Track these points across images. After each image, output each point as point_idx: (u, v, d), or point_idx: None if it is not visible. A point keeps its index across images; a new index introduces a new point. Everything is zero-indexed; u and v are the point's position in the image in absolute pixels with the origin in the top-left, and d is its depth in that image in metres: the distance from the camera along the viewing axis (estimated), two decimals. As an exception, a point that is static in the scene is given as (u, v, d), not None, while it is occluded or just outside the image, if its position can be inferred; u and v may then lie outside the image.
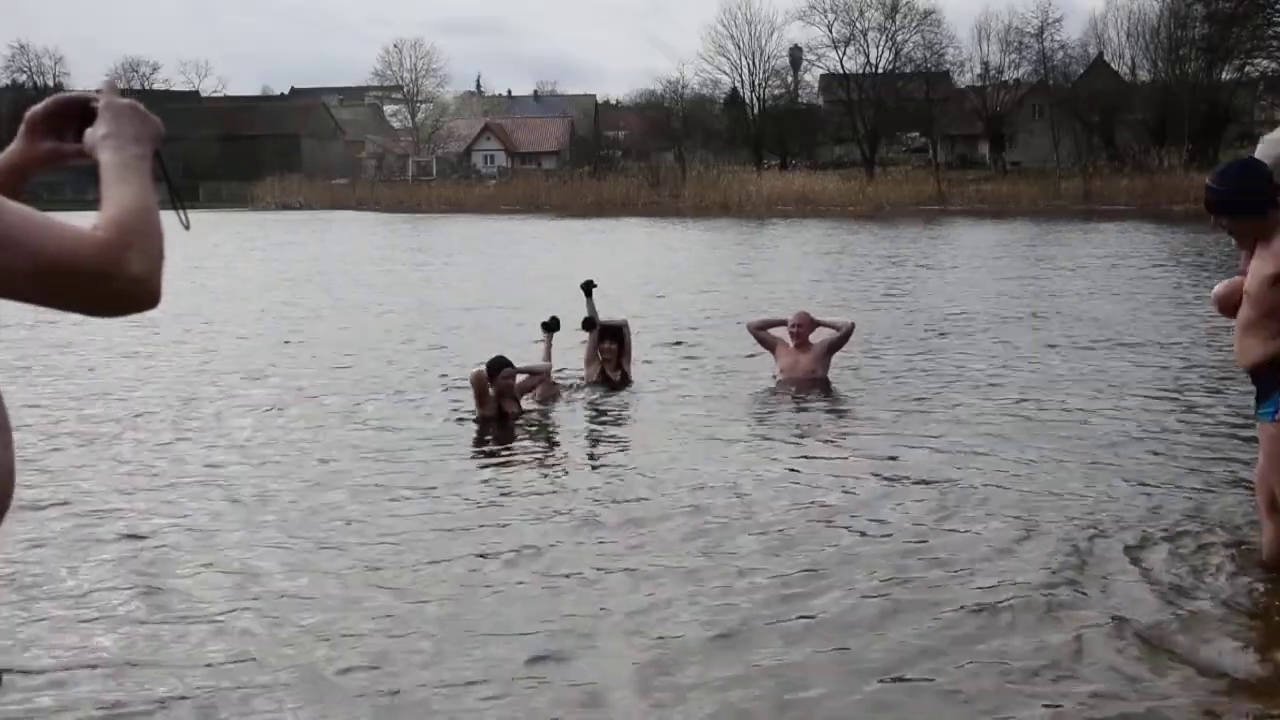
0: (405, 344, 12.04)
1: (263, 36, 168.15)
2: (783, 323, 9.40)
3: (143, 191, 1.51)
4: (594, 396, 8.85)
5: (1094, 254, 23.41)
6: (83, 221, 1.46)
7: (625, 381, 9.22)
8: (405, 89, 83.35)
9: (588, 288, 9.38)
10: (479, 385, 7.85)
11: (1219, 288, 4.67)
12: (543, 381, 8.52)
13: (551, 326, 9.17)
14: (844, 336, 9.25)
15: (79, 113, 1.64)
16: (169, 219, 1.54)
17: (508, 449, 7.29)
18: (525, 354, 9.15)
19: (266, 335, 13.06)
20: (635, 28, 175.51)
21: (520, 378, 8.16)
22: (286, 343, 12.43)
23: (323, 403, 8.80)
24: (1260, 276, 4.13)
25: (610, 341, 9.22)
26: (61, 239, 1.38)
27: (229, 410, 8.56)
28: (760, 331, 9.48)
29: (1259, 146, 4.57)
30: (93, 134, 1.58)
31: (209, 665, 3.97)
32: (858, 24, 62.06)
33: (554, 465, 6.87)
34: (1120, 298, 15.11)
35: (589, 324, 9.20)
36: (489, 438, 7.57)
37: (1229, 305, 4.47)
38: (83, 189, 77.41)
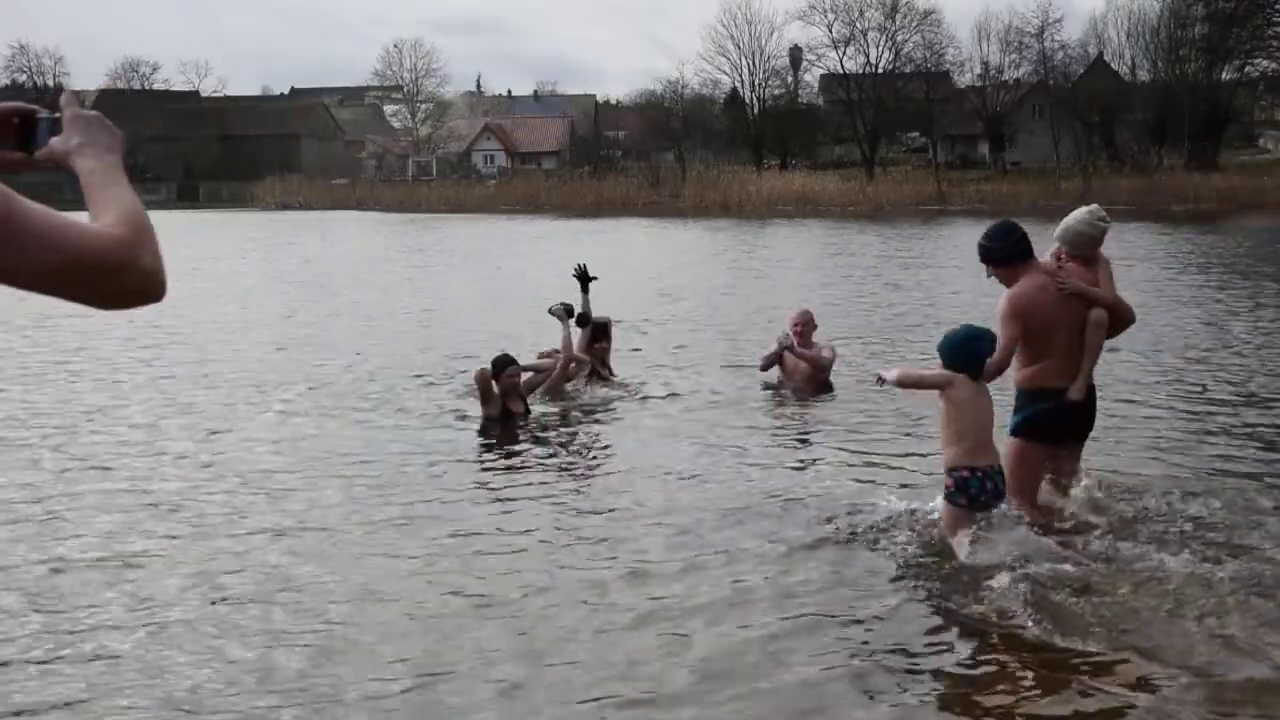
0: (407, 344, 12.02)
1: (263, 36, 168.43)
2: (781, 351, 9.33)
3: (134, 194, 1.58)
4: (593, 395, 8.85)
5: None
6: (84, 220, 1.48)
7: (611, 376, 9.29)
8: (405, 89, 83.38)
9: (584, 279, 9.32)
10: (484, 384, 7.83)
11: None
12: (553, 375, 8.55)
13: (584, 318, 9.09)
14: (825, 367, 9.15)
15: (19, 123, 1.66)
16: None
17: (512, 449, 7.26)
18: (528, 353, 9.15)
19: (265, 336, 13.04)
20: (635, 28, 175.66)
21: (525, 375, 8.16)
22: (281, 348, 12.40)
23: (324, 403, 8.77)
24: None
25: (603, 339, 9.24)
26: (82, 236, 1.45)
27: (228, 411, 8.54)
28: (770, 365, 9.37)
29: (1064, 224, 5.62)
30: (64, 142, 1.63)
31: (197, 664, 3.98)
32: (858, 24, 62.26)
33: (558, 468, 6.84)
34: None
35: (584, 320, 9.15)
36: (493, 438, 7.54)
37: None
38: (83, 189, 77.49)
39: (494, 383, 7.84)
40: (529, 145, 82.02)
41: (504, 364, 7.95)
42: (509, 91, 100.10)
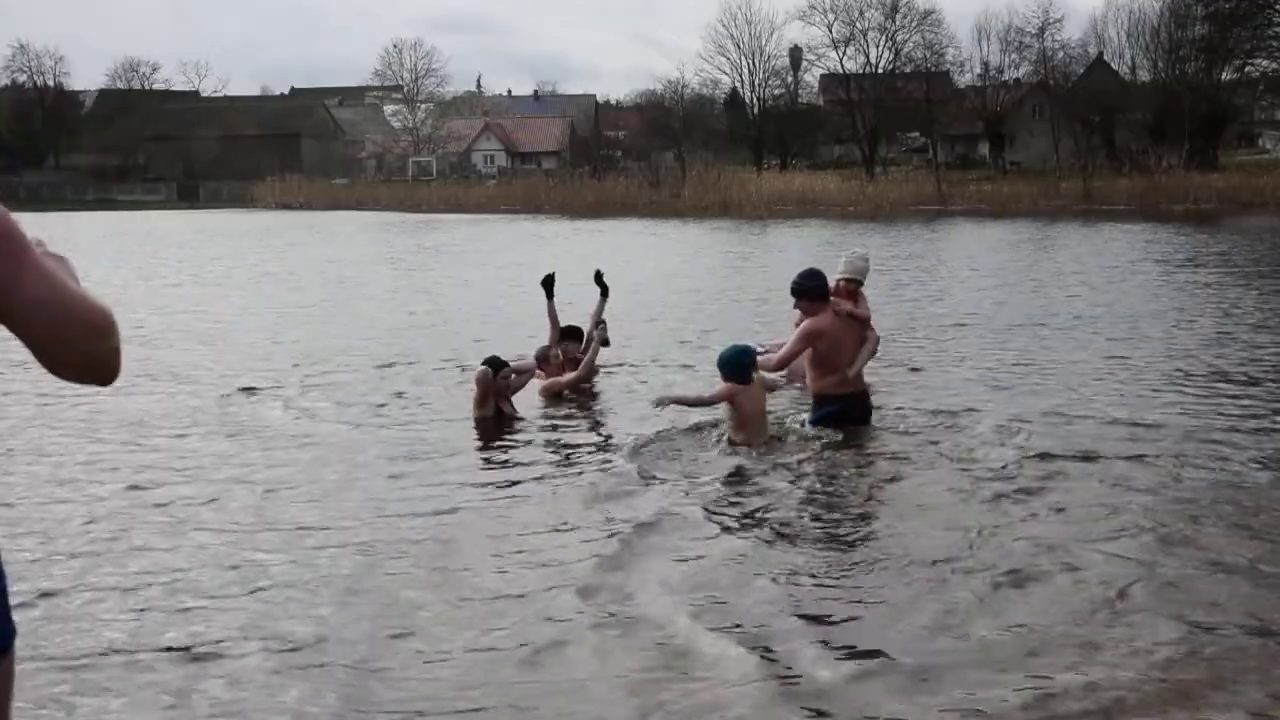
0: (401, 345, 12.03)
1: (261, 36, 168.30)
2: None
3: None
4: (591, 396, 8.90)
5: (1096, 256, 23.42)
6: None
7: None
8: (405, 89, 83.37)
9: (549, 287, 9.53)
10: (486, 385, 7.81)
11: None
12: (561, 380, 8.67)
13: (602, 337, 9.13)
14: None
15: None
16: None
17: (514, 450, 7.25)
18: (519, 354, 9.17)
19: (260, 337, 13.04)
20: (632, 28, 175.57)
21: (511, 377, 8.17)
22: (272, 348, 12.40)
23: (319, 407, 8.75)
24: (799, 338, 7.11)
25: (571, 339, 9.28)
26: (84, 293, 1.62)
27: (221, 412, 8.54)
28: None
29: (842, 261, 7.47)
30: None
31: (185, 656, 3.98)
32: (858, 24, 62.24)
33: (562, 467, 6.82)
34: (1125, 299, 15.13)
35: (606, 341, 9.22)
36: (493, 439, 7.51)
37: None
38: (82, 190, 77.52)
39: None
40: (529, 145, 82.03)
41: (500, 365, 7.95)
42: (509, 91, 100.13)
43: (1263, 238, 28.34)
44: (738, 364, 6.90)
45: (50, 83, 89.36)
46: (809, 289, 7.17)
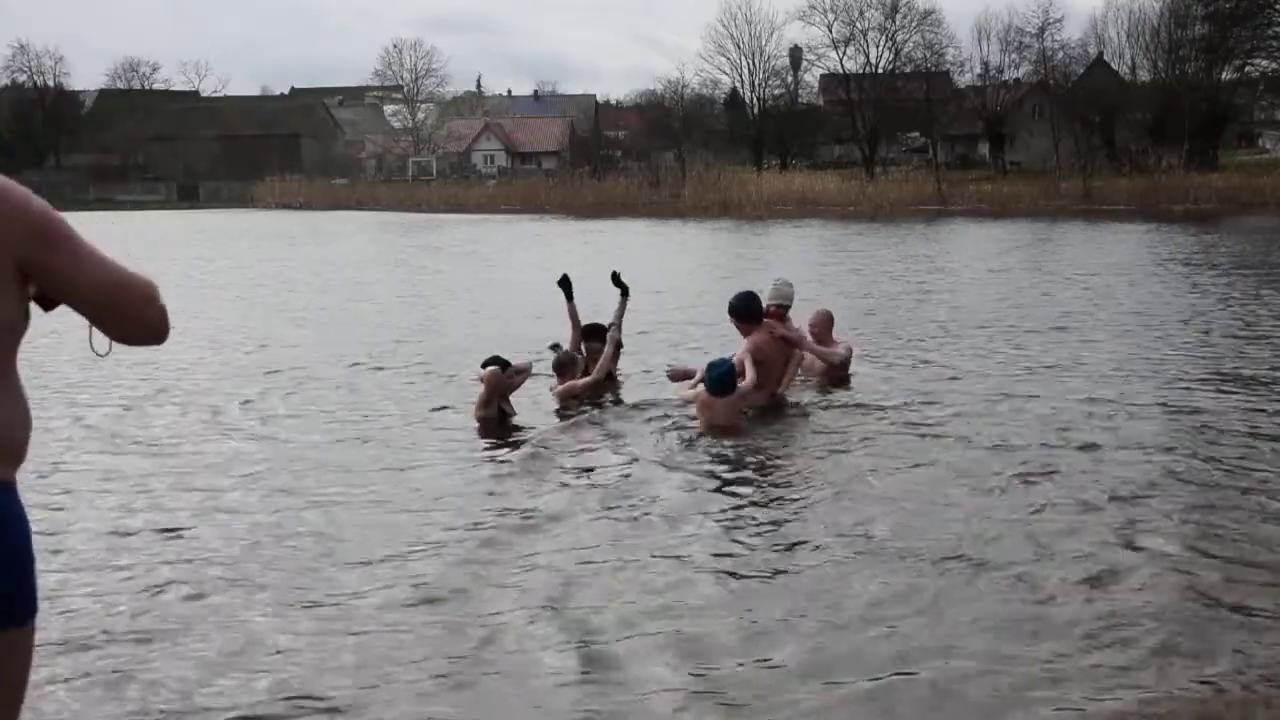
0: (402, 345, 12.02)
1: (261, 36, 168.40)
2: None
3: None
4: (608, 399, 8.90)
5: (1101, 256, 23.41)
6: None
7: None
8: (405, 89, 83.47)
9: (567, 288, 9.47)
10: (494, 385, 7.77)
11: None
12: (579, 384, 8.62)
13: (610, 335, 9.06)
14: (841, 364, 9.25)
15: None
16: None
17: (519, 448, 7.24)
18: (518, 356, 9.16)
19: (259, 338, 13.02)
20: (632, 28, 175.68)
21: (513, 377, 8.12)
22: (268, 350, 12.38)
23: (320, 410, 8.70)
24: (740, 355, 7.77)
25: (595, 339, 9.22)
26: (125, 268, 2.03)
27: (221, 413, 8.52)
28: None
29: (770, 288, 8.31)
30: None
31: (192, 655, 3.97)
32: (858, 24, 62.28)
33: (569, 467, 6.80)
34: (1124, 300, 15.12)
35: (620, 343, 9.17)
36: (499, 439, 7.47)
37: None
38: (82, 190, 77.70)
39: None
40: (529, 145, 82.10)
41: (505, 365, 7.92)
42: (509, 91, 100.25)
43: (1266, 237, 28.34)
44: (717, 378, 7.37)
45: (50, 83, 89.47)
46: (741, 310, 7.97)
